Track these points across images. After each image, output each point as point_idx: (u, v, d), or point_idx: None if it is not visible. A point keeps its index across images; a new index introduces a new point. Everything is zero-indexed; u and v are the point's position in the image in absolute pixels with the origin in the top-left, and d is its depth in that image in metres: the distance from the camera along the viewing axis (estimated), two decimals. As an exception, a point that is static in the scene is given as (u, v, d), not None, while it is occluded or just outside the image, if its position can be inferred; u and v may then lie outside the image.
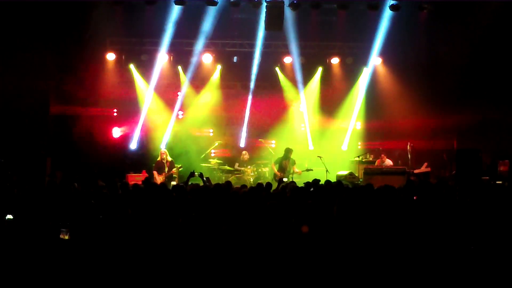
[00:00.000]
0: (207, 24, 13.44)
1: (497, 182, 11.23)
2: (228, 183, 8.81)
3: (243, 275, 4.53)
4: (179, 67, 14.71)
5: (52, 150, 13.01)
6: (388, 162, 12.96)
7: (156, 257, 4.76)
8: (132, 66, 14.57)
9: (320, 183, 8.32)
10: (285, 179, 11.74)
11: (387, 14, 13.05)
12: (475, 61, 12.98)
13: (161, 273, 4.65)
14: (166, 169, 12.45)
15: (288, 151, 12.77)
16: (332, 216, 5.50)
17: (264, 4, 12.36)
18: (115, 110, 14.75)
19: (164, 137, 14.52)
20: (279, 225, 5.03)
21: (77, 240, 5.15)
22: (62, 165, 12.50)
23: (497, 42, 12.64)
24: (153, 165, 12.72)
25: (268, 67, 14.97)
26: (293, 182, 9.44)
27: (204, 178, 9.58)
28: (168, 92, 14.84)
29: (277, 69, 15.07)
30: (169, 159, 12.67)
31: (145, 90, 14.66)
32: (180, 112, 15.00)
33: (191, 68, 14.53)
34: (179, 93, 14.83)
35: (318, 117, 15.22)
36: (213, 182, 9.58)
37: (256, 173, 13.55)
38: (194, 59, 14.44)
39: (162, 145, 14.31)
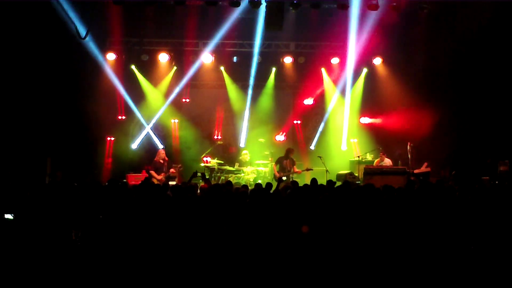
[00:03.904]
0: (207, 24, 13.46)
1: (497, 182, 11.24)
2: (228, 182, 8.81)
3: (243, 275, 4.53)
4: (174, 68, 14.79)
5: (52, 150, 12.98)
6: (388, 161, 12.95)
7: (157, 257, 4.76)
8: (133, 67, 14.56)
9: (320, 183, 8.32)
10: (284, 178, 11.75)
11: (387, 14, 13.02)
12: (475, 61, 12.98)
13: (160, 273, 4.65)
14: (164, 169, 12.36)
15: (289, 151, 12.78)
16: (334, 215, 5.50)
17: (264, 4, 12.34)
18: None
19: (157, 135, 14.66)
20: (280, 225, 5.02)
21: (76, 241, 5.15)
22: (62, 165, 12.49)
23: (497, 42, 12.62)
24: (151, 165, 12.66)
25: (268, 67, 14.98)
26: (294, 182, 9.42)
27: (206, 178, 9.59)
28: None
29: (275, 69, 15.10)
30: (167, 158, 12.59)
31: (150, 91, 14.70)
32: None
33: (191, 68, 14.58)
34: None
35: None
36: (213, 182, 9.60)
37: (256, 173, 13.54)
38: (194, 59, 14.48)
39: (160, 144, 14.33)
